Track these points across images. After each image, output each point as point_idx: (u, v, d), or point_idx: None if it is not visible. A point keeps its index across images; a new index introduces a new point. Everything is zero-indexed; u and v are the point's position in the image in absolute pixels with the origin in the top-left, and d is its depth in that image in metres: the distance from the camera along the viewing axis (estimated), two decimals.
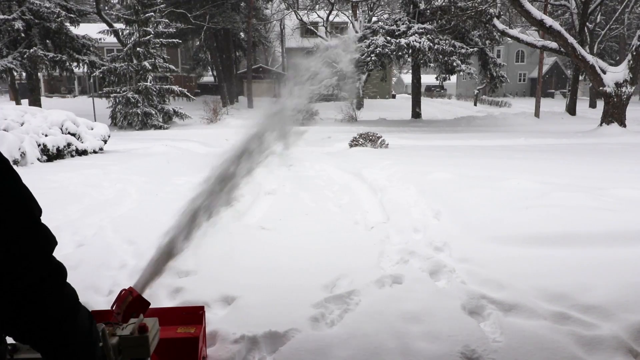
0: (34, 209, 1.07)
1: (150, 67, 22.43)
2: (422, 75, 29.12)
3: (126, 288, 2.09)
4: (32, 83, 22.82)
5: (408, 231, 4.64)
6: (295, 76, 2.47)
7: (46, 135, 10.55)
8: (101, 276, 3.58)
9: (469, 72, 22.85)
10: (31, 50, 20.59)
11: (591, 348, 2.70)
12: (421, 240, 4.36)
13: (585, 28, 27.51)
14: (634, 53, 16.80)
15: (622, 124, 17.48)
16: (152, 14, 22.95)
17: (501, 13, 22.92)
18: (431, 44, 20.99)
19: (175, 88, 23.51)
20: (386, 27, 22.40)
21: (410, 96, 29.77)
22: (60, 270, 1.12)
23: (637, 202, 5.20)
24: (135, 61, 22.47)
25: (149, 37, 22.52)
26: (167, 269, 2.34)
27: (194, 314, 2.63)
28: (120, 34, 24.15)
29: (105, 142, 12.66)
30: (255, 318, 3.02)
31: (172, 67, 24.44)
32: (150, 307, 2.12)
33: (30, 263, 1.03)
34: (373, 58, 21.08)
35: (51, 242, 1.10)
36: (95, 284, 3.42)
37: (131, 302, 2.02)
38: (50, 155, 10.43)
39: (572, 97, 29.58)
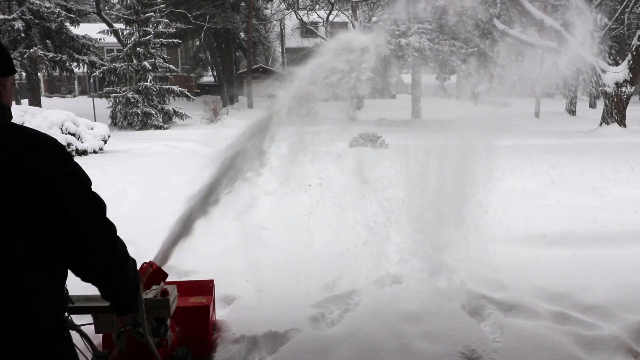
0: (89, 181, 1.39)
1: (150, 67, 22.41)
2: (422, 75, 29.11)
3: (147, 261, 2.39)
4: (32, 83, 22.81)
5: (408, 231, 4.63)
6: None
7: None
8: None
9: (469, 72, 22.83)
10: (31, 50, 20.58)
11: (591, 348, 2.70)
12: (421, 240, 4.36)
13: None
14: (634, 53, 16.80)
15: (622, 124, 17.47)
16: (152, 14, 22.93)
17: (501, 13, 22.90)
18: (431, 44, 21.00)
19: (175, 88, 23.48)
20: (386, 27, 22.38)
21: (410, 96, 29.75)
22: (112, 225, 1.45)
23: (637, 202, 5.20)
24: (135, 61, 22.45)
25: (149, 37, 22.50)
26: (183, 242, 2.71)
27: (205, 286, 2.97)
28: (120, 34, 24.12)
29: (105, 142, 12.65)
30: (255, 318, 3.02)
31: (172, 67, 24.42)
32: (166, 280, 2.41)
33: (94, 221, 1.37)
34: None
35: (104, 205, 1.42)
36: None
37: (152, 273, 2.33)
38: None
39: (572, 97, 29.55)
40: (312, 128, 3.50)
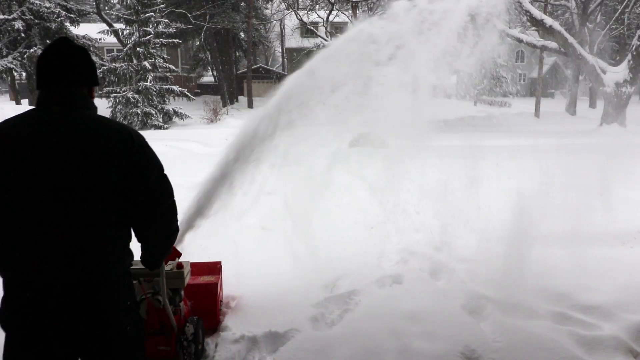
0: (162, 164, 1.75)
1: (150, 67, 22.39)
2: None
3: None
4: (32, 83, 22.79)
5: (408, 231, 4.63)
6: None
7: None
8: None
9: (469, 72, 22.81)
10: (31, 50, 20.57)
11: (591, 348, 2.70)
12: (421, 240, 4.36)
13: (585, 28, 27.48)
14: (634, 53, 16.78)
15: (622, 124, 17.45)
16: (152, 14, 22.90)
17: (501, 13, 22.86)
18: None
19: (175, 88, 23.46)
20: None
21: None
22: (175, 203, 1.80)
23: (637, 202, 5.20)
24: (135, 61, 22.44)
25: (149, 37, 22.48)
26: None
27: (213, 267, 3.29)
28: (120, 34, 24.10)
29: None
30: (255, 318, 3.03)
31: (172, 67, 24.40)
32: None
33: (164, 196, 1.73)
34: None
35: (172, 186, 1.77)
36: None
37: None
38: None
39: (572, 97, 29.55)
40: (312, 128, 3.51)
